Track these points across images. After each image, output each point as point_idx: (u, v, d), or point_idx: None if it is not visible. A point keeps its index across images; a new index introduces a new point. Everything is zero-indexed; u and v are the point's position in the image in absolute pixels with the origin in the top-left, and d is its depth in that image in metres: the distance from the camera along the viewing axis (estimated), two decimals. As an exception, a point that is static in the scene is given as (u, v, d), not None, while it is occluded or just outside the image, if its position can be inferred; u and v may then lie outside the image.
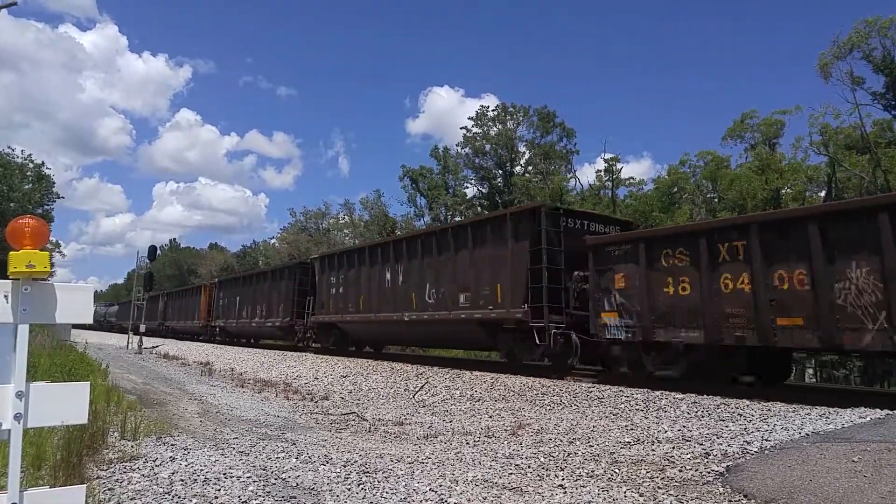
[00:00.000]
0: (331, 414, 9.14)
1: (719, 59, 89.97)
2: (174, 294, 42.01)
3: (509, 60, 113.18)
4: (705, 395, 8.41)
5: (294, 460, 5.23)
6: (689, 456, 5.22)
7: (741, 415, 7.17)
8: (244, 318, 27.46)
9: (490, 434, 7.08)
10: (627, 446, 5.90)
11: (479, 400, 9.89)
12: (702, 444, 5.64)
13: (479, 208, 42.19)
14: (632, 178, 37.67)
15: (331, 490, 4.26)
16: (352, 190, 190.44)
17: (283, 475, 4.62)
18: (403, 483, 4.47)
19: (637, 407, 8.20)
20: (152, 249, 29.32)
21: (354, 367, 14.99)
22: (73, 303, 2.42)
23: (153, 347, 26.85)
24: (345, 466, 5.01)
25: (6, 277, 2.30)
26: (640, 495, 4.15)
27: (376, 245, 18.17)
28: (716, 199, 32.02)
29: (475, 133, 43.35)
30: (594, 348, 11.34)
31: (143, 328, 27.37)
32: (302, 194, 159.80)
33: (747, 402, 7.78)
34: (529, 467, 5.08)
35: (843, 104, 29.22)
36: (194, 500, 3.79)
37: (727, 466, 4.73)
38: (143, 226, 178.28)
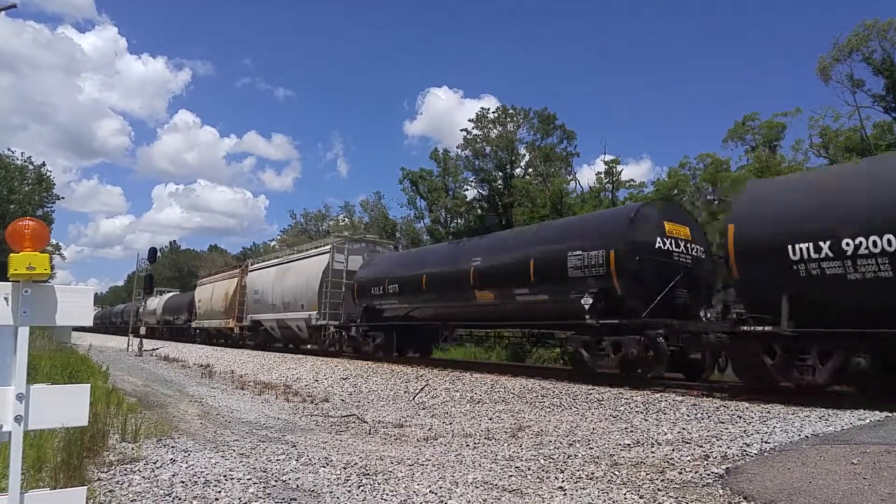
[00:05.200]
0: (331, 416, 9.14)
1: (720, 61, 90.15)
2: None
3: (509, 60, 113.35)
4: (705, 398, 8.41)
5: (294, 462, 5.23)
6: (688, 458, 5.23)
7: (741, 417, 7.18)
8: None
9: (490, 436, 7.08)
10: (627, 448, 5.90)
11: (479, 402, 9.89)
12: (701, 447, 5.64)
13: (479, 210, 42.21)
14: (632, 179, 37.68)
15: (331, 492, 4.27)
16: (351, 192, 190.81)
17: (284, 477, 4.63)
18: (404, 485, 4.47)
19: (637, 409, 8.21)
20: (152, 251, 29.30)
21: (354, 369, 14.99)
22: (74, 305, 2.43)
23: (153, 350, 26.84)
24: (345, 468, 5.01)
25: (6, 279, 2.31)
26: (640, 497, 4.15)
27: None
28: (716, 202, 31.97)
29: (475, 135, 43.40)
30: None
31: (142, 330, 27.36)
32: (301, 196, 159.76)
33: (747, 405, 7.78)
34: (529, 469, 5.08)
35: (843, 107, 29.21)
36: (195, 502, 3.79)
37: (727, 468, 4.74)
38: (142, 228, 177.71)
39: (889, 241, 7.37)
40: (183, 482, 4.19)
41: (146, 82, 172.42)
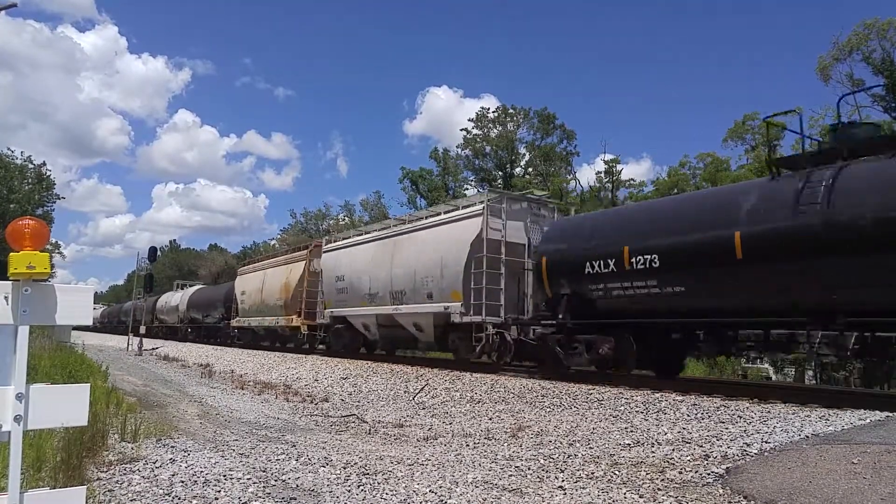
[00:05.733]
0: (331, 416, 9.14)
1: (720, 61, 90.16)
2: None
3: (509, 60, 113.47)
4: (705, 397, 8.41)
5: (294, 462, 5.23)
6: (688, 458, 5.23)
7: (741, 416, 7.17)
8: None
9: (490, 436, 7.08)
10: (627, 448, 5.90)
11: (479, 402, 9.89)
12: (702, 446, 5.64)
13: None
14: (632, 179, 37.77)
15: (331, 491, 4.27)
16: (350, 191, 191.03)
17: (284, 477, 4.63)
18: (403, 485, 4.47)
19: (637, 409, 8.20)
20: (152, 251, 29.34)
21: (354, 368, 14.99)
22: (74, 304, 2.43)
23: (153, 349, 26.85)
24: (345, 468, 5.01)
25: (6, 278, 2.31)
26: (640, 497, 4.15)
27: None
28: None
29: (475, 135, 43.43)
30: None
31: (142, 329, 27.34)
32: (301, 195, 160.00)
33: (747, 404, 7.78)
34: (529, 469, 5.08)
35: (843, 106, 29.21)
36: (194, 502, 3.79)
37: (727, 468, 4.74)
38: (142, 227, 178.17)
39: None
40: (182, 482, 4.19)
41: (146, 82, 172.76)
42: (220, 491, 4.02)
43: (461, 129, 44.29)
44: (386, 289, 16.15)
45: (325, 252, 20.12)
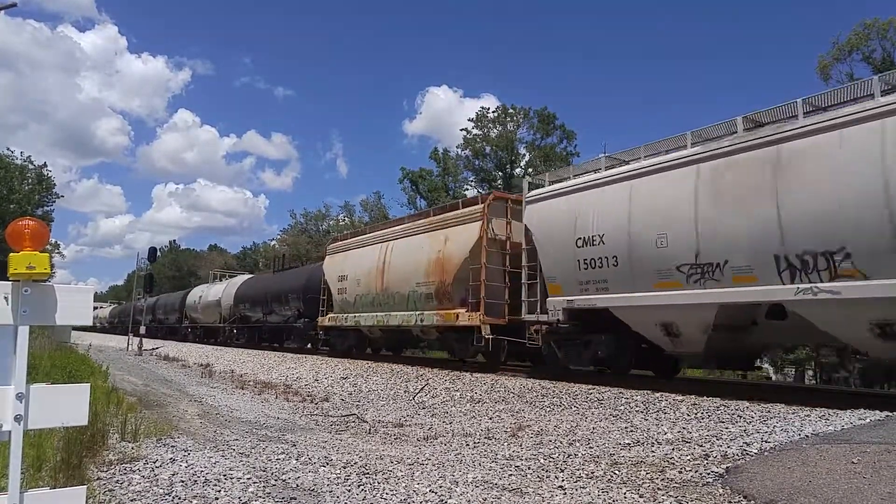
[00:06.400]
0: (331, 416, 9.14)
1: (720, 61, 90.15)
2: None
3: (509, 60, 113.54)
4: (705, 397, 8.41)
5: (294, 462, 5.23)
6: (688, 457, 5.23)
7: (741, 416, 7.18)
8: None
9: (490, 435, 7.08)
10: (627, 448, 5.90)
11: (479, 402, 9.89)
12: (701, 446, 5.64)
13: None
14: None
15: (331, 491, 4.27)
16: (349, 191, 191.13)
17: (284, 476, 4.63)
18: (403, 484, 4.47)
19: (637, 408, 8.21)
20: (152, 251, 29.33)
21: (354, 368, 14.99)
22: (74, 304, 2.43)
23: (153, 349, 26.84)
24: (345, 468, 5.01)
25: (6, 279, 2.31)
26: (640, 496, 4.15)
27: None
28: None
29: (475, 135, 43.44)
30: None
31: (143, 329, 27.33)
32: (301, 196, 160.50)
33: (747, 404, 7.78)
34: (529, 469, 5.08)
35: (843, 106, 29.22)
36: (194, 502, 3.79)
37: (727, 468, 4.74)
38: (142, 227, 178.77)
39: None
40: (183, 481, 4.19)
41: (146, 81, 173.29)
42: (220, 490, 4.02)
43: (461, 130, 44.34)
44: (765, 250, 8.07)
45: (531, 202, 12.07)
